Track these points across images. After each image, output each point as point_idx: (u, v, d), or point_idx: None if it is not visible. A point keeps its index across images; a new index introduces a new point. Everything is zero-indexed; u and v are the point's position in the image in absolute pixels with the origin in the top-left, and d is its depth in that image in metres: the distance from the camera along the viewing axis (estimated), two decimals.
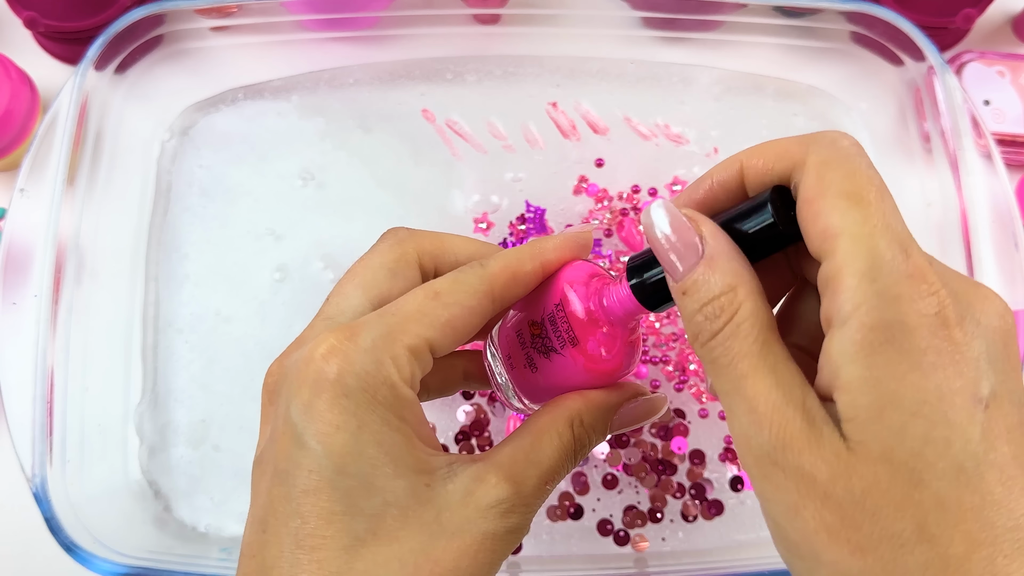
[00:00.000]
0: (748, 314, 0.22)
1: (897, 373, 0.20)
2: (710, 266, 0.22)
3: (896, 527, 0.20)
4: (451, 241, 0.29)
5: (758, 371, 0.21)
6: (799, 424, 0.21)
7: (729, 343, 0.22)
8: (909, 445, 0.20)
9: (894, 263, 0.20)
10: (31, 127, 0.52)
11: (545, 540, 0.49)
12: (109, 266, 0.50)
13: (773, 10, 0.51)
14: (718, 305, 0.22)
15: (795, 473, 0.21)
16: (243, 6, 0.49)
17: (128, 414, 0.50)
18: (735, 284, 0.22)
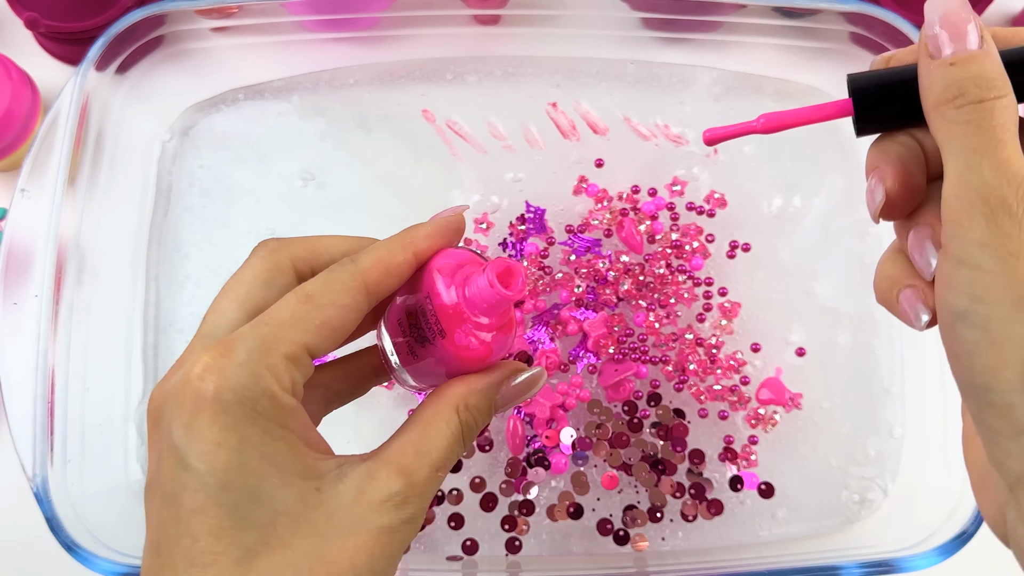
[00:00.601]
0: (1013, 104, 0.23)
1: None
2: (987, 54, 0.23)
3: None
4: (323, 242, 0.29)
5: (1016, 141, 0.22)
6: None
7: (997, 112, 0.22)
8: None
9: None
10: (32, 127, 0.52)
11: (545, 539, 0.49)
12: (110, 266, 0.50)
13: (772, 11, 0.51)
14: (992, 82, 0.23)
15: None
16: (244, 7, 0.49)
17: (129, 414, 0.50)
18: (1006, 79, 0.23)
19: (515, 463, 0.48)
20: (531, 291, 0.50)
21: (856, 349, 0.52)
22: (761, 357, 0.52)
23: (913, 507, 0.49)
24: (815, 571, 0.44)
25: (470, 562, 0.48)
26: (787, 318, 0.52)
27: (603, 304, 0.50)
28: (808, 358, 0.52)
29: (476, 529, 0.49)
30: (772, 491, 0.49)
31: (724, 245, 0.52)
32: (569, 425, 0.49)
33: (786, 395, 0.50)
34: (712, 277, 0.51)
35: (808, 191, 0.53)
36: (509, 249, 0.51)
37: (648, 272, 0.50)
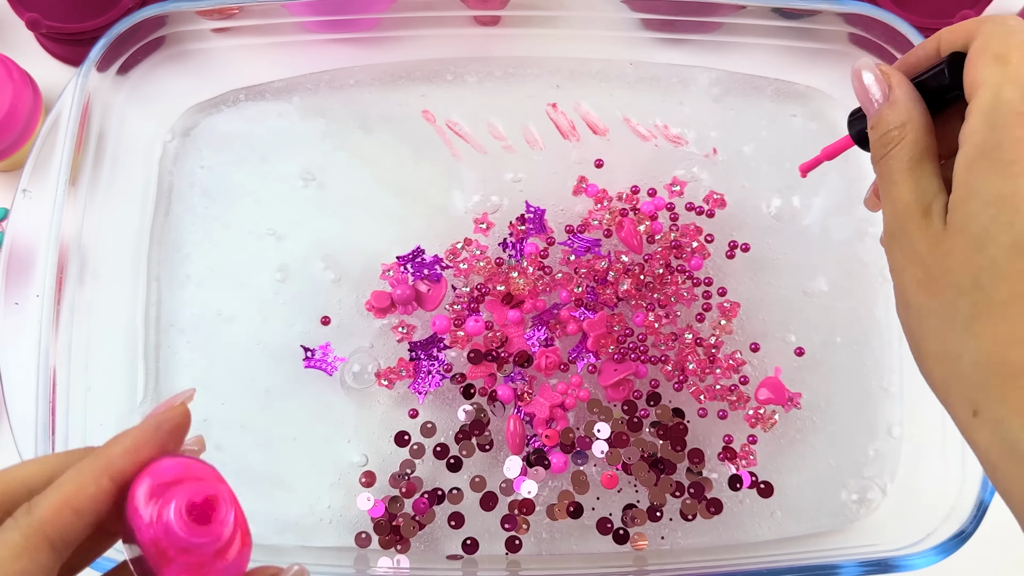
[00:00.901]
0: (909, 143, 0.30)
1: (984, 176, 0.27)
2: (892, 107, 0.31)
3: (957, 279, 0.28)
4: (9, 476, 0.24)
5: (905, 181, 0.30)
6: (917, 216, 0.29)
7: (891, 160, 0.30)
8: (980, 223, 0.27)
9: (1010, 104, 0.27)
10: (34, 128, 0.53)
11: (545, 538, 0.50)
12: (111, 266, 0.50)
13: (771, 12, 0.51)
14: (891, 135, 0.30)
15: (906, 247, 0.30)
16: (244, 8, 0.49)
17: (130, 413, 0.51)
18: (906, 121, 0.30)
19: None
20: (531, 291, 0.50)
21: (855, 349, 0.52)
22: (760, 357, 0.52)
23: (912, 506, 0.49)
24: (814, 570, 0.44)
25: (470, 561, 0.48)
26: (786, 318, 0.52)
27: (603, 304, 0.50)
28: (807, 358, 0.52)
29: (476, 528, 0.49)
30: (771, 490, 0.50)
31: (723, 245, 0.52)
32: (569, 424, 0.49)
33: (785, 395, 0.50)
34: (711, 277, 0.52)
35: (807, 191, 0.54)
36: (509, 249, 0.51)
37: (648, 272, 0.50)
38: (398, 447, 0.50)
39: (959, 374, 0.28)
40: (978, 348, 0.28)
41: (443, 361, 0.50)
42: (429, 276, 0.51)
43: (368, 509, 0.48)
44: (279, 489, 0.50)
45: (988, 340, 0.27)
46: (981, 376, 0.27)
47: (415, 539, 0.49)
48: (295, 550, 0.49)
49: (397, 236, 0.53)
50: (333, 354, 0.51)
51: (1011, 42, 0.28)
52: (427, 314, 0.51)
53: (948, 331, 0.28)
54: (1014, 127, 0.27)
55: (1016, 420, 0.27)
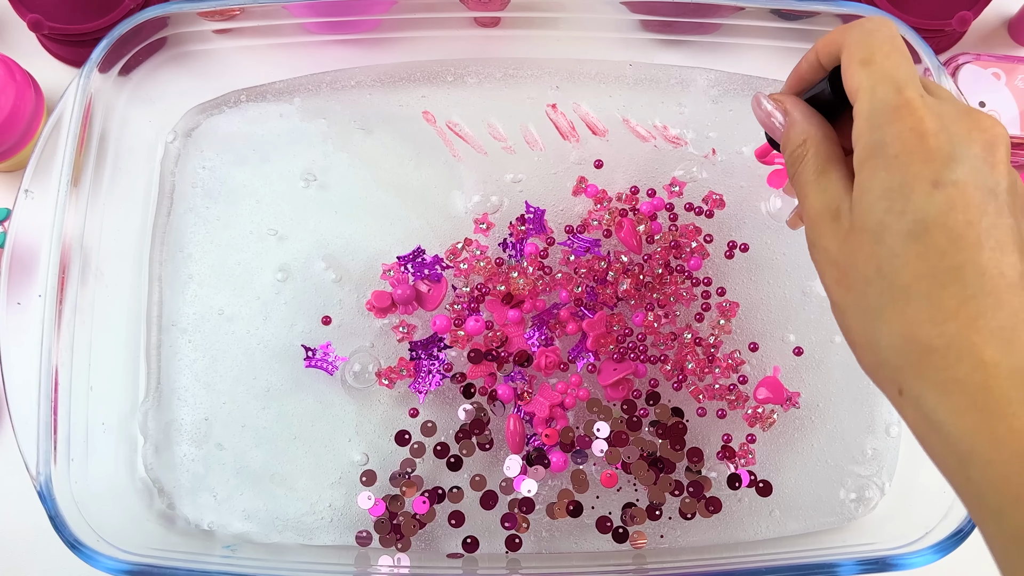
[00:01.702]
0: (812, 157, 0.33)
1: (873, 172, 0.30)
2: (791, 127, 0.34)
3: (864, 271, 0.30)
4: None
5: (814, 191, 0.32)
6: (828, 220, 0.32)
7: (800, 175, 0.33)
8: (875, 217, 0.29)
9: (885, 101, 0.29)
10: (36, 129, 0.53)
11: (544, 537, 0.50)
12: (113, 266, 0.51)
13: (770, 13, 0.51)
14: (796, 153, 0.34)
15: (822, 250, 0.32)
16: (246, 9, 0.49)
17: (132, 413, 0.51)
18: (805, 139, 0.33)
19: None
20: (531, 291, 0.50)
21: None
22: (759, 356, 0.52)
23: (910, 505, 0.50)
24: (813, 569, 0.45)
25: (470, 559, 0.49)
26: (785, 317, 0.53)
27: (602, 304, 0.50)
28: (806, 357, 0.52)
29: (476, 527, 0.49)
30: (770, 489, 0.50)
31: (722, 245, 0.52)
32: (569, 424, 0.49)
33: (784, 394, 0.50)
34: (710, 277, 0.52)
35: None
36: (509, 249, 0.51)
37: (647, 272, 0.50)
38: (398, 446, 0.50)
39: (881, 359, 0.30)
40: (891, 332, 0.29)
41: (443, 361, 0.50)
42: (429, 276, 0.51)
43: (369, 508, 0.48)
44: (280, 488, 0.50)
45: (898, 323, 0.29)
46: (898, 358, 0.29)
47: (415, 538, 0.49)
48: (296, 548, 0.50)
49: (398, 236, 0.53)
50: (334, 354, 0.51)
51: (872, 43, 0.31)
52: (427, 314, 0.51)
53: (865, 321, 0.31)
54: (893, 122, 0.29)
55: (931, 394, 0.28)
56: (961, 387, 0.28)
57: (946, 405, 0.28)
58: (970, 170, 0.29)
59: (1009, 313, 0.28)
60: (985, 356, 0.27)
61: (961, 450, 0.28)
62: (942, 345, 0.28)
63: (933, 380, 0.28)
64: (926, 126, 0.29)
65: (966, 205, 0.28)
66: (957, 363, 0.28)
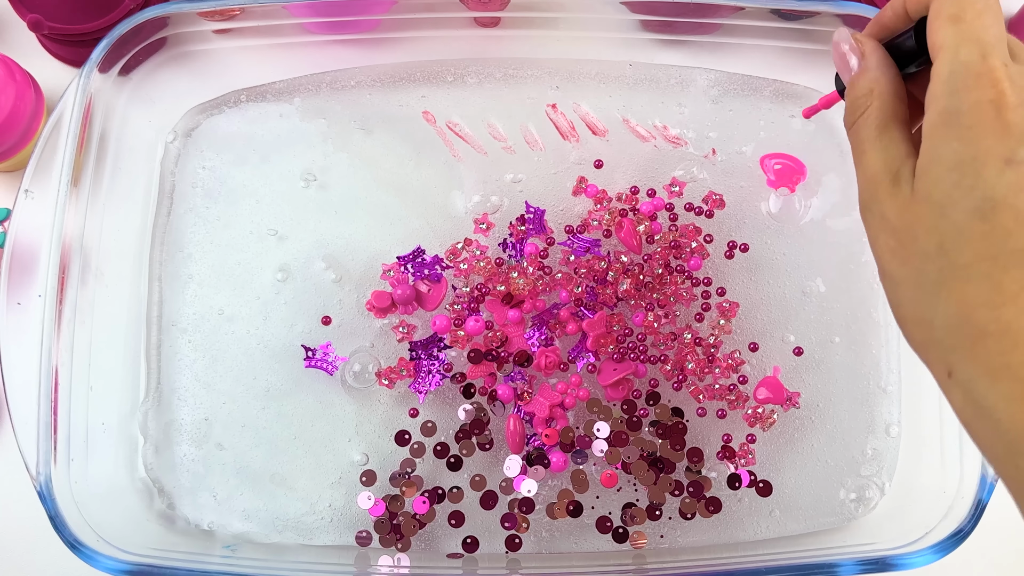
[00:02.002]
0: (876, 109, 0.31)
1: (945, 142, 0.28)
2: (862, 74, 0.32)
3: (925, 245, 0.29)
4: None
5: (873, 148, 0.31)
6: (887, 184, 0.31)
7: (859, 127, 0.32)
8: (942, 189, 0.28)
9: (968, 65, 0.28)
10: (36, 129, 0.53)
11: (544, 537, 0.50)
12: (113, 266, 0.51)
13: (770, 13, 0.51)
14: (860, 102, 0.32)
15: (878, 215, 0.31)
16: (246, 9, 0.49)
17: (132, 413, 0.51)
18: (873, 87, 0.32)
19: None
20: (531, 291, 0.50)
21: (853, 348, 0.53)
22: (759, 356, 0.52)
23: (910, 505, 0.50)
24: (812, 569, 0.45)
25: (470, 559, 0.49)
26: (785, 318, 0.53)
27: (602, 304, 0.50)
28: (806, 357, 0.52)
29: (476, 527, 0.49)
30: (770, 489, 0.50)
31: (722, 245, 0.52)
32: (569, 424, 0.49)
33: (784, 394, 0.50)
34: (710, 277, 0.52)
35: (805, 192, 0.54)
36: (509, 249, 0.51)
37: (647, 272, 0.50)
38: (398, 446, 0.50)
39: (933, 338, 0.29)
40: (947, 312, 0.29)
41: (443, 361, 0.50)
42: (429, 276, 0.51)
43: (369, 508, 0.48)
44: (280, 488, 0.50)
45: (955, 303, 0.28)
46: (951, 339, 0.29)
47: (415, 538, 0.49)
48: (296, 548, 0.50)
49: (398, 236, 0.53)
50: (334, 354, 0.51)
51: (964, 1, 0.29)
52: (427, 314, 0.51)
53: (920, 297, 0.30)
54: (972, 90, 0.28)
55: (983, 380, 0.28)
56: (1015, 374, 0.27)
57: (998, 391, 0.27)
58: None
59: None
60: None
61: (1012, 438, 0.27)
62: (998, 330, 0.27)
63: (986, 365, 0.28)
64: (1006, 99, 0.28)
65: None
66: (1012, 349, 0.27)
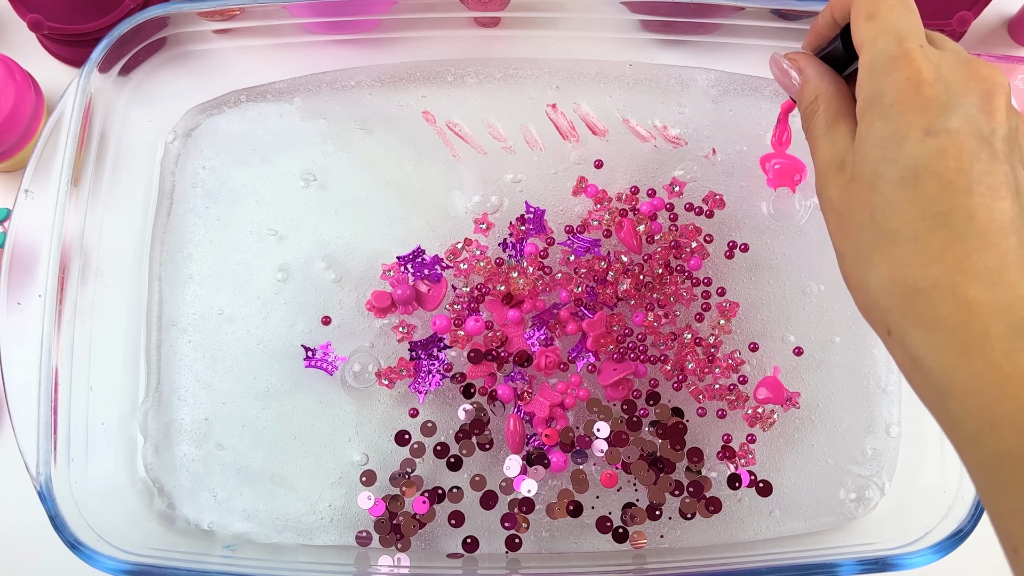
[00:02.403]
0: (823, 111, 0.35)
1: (870, 121, 0.31)
2: (805, 83, 0.37)
3: (858, 218, 0.31)
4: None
5: (822, 142, 0.35)
6: (833, 171, 0.33)
7: (811, 128, 0.36)
8: (871, 165, 0.31)
9: (885, 52, 0.31)
10: (36, 129, 0.53)
11: (544, 537, 0.50)
12: (113, 266, 0.51)
13: (770, 13, 0.51)
14: (809, 108, 0.36)
15: (827, 200, 0.34)
16: (246, 9, 0.49)
17: (132, 413, 0.51)
18: (816, 94, 0.36)
19: None
20: (531, 291, 0.50)
21: (853, 348, 0.53)
22: (759, 356, 0.52)
23: (910, 505, 0.50)
24: (812, 568, 0.45)
25: (470, 559, 0.49)
26: (785, 317, 0.53)
27: (602, 304, 0.50)
28: (806, 357, 0.52)
29: (476, 527, 0.49)
30: (770, 489, 0.50)
31: (722, 245, 0.52)
32: (569, 424, 0.49)
33: (784, 394, 0.50)
34: (710, 277, 0.52)
35: (805, 192, 0.54)
36: (509, 249, 0.51)
37: (647, 272, 0.50)
38: (398, 446, 0.50)
39: (872, 301, 0.31)
40: (880, 275, 0.31)
41: (443, 361, 0.50)
42: (429, 276, 0.51)
43: (369, 508, 0.48)
44: (280, 488, 0.50)
45: (887, 266, 0.30)
46: (887, 299, 0.31)
47: (415, 537, 0.49)
48: (296, 548, 0.50)
49: (397, 236, 0.53)
50: (334, 354, 0.51)
51: (877, 0, 0.32)
52: (427, 314, 0.51)
53: (859, 265, 0.32)
54: (891, 72, 0.30)
55: (916, 332, 0.30)
56: (943, 325, 0.29)
57: (928, 342, 0.29)
58: (964, 118, 0.30)
59: (997, 255, 0.28)
60: (968, 295, 0.28)
61: (941, 383, 0.29)
62: (927, 286, 0.29)
63: (918, 319, 0.29)
64: (923, 76, 0.30)
65: (958, 152, 0.29)
66: (941, 303, 0.29)
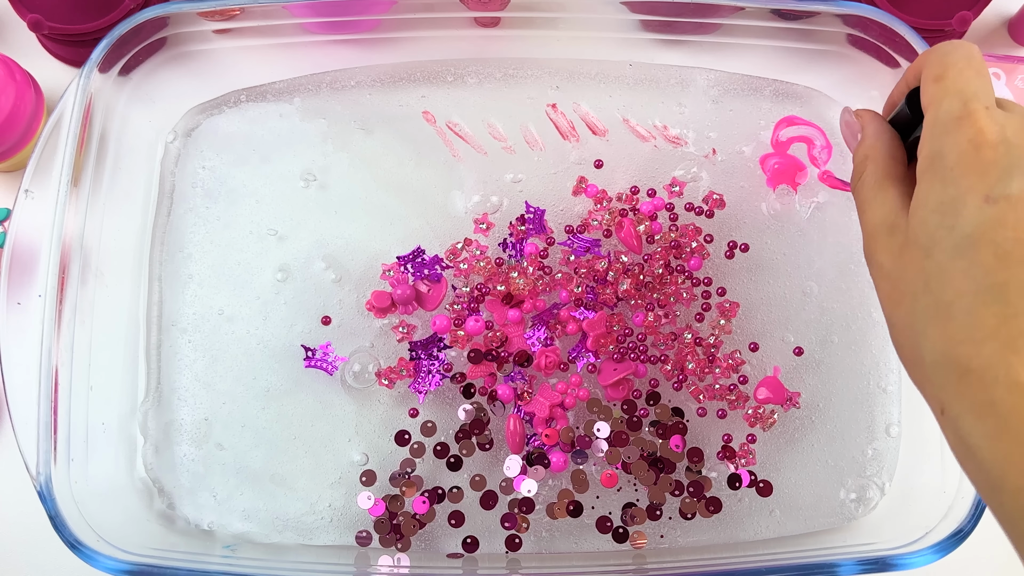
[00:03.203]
0: (871, 171, 0.35)
1: (930, 184, 0.30)
2: (860, 143, 0.36)
3: (912, 286, 0.30)
4: None
5: (871, 204, 0.34)
6: (883, 234, 0.32)
7: (860, 188, 0.35)
8: (927, 231, 0.30)
9: (950, 112, 0.30)
10: (36, 129, 0.53)
11: (544, 537, 0.50)
12: (113, 266, 0.51)
13: (770, 13, 0.51)
14: (860, 166, 0.36)
15: (877, 265, 0.33)
16: (246, 9, 0.50)
17: (132, 413, 0.51)
18: (868, 153, 0.35)
19: None
20: (531, 291, 0.50)
21: (853, 348, 0.53)
22: (759, 356, 0.52)
23: (910, 505, 0.50)
24: (813, 569, 0.45)
25: (470, 559, 0.49)
26: (785, 318, 0.53)
27: (602, 304, 0.50)
28: (806, 357, 0.52)
29: (476, 527, 0.49)
30: (770, 489, 0.50)
31: (722, 245, 0.52)
32: (569, 424, 0.49)
33: (784, 394, 0.50)
34: (711, 277, 0.52)
35: (806, 192, 0.54)
36: (509, 249, 0.51)
37: (647, 272, 0.50)
38: (398, 446, 0.50)
39: (926, 376, 0.30)
40: (933, 350, 0.29)
41: (443, 361, 0.50)
42: (429, 276, 0.51)
43: (369, 508, 0.48)
44: (280, 488, 0.50)
45: (940, 341, 0.29)
46: (940, 377, 0.29)
47: (415, 537, 0.49)
48: (296, 548, 0.50)
49: (397, 236, 0.53)
50: (334, 354, 0.51)
51: (947, 62, 0.31)
52: (427, 314, 0.51)
53: (912, 336, 0.30)
54: (953, 132, 0.29)
55: (968, 417, 0.28)
56: (996, 411, 0.27)
57: (981, 429, 0.27)
58: (1021, 182, 0.28)
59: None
60: (1021, 378, 0.26)
61: (994, 476, 0.27)
62: (979, 366, 0.27)
63: (970, 402, 0.27)
64: (986, 137, 0.29)
65: (1017, 221, 0.27)
66: (994, 385, 0.27)
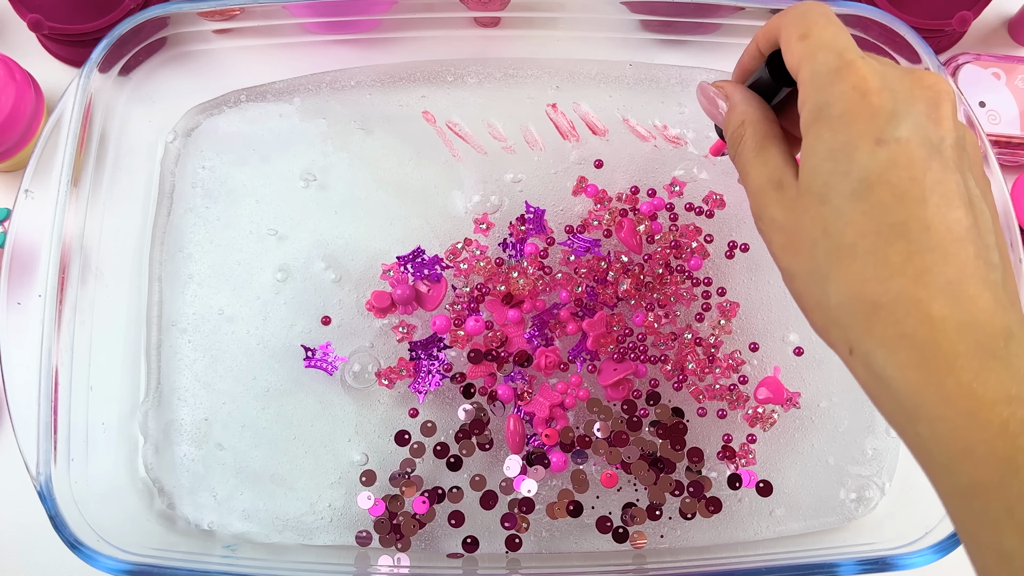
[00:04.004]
0: (750, 135, 0.34)
1: (818, 134, 0.30)
2: (731, 110, 0.36)
3: (810, 233, 0.30)
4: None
5: (754, 166, 0.34)
6: (771, 191, 0.33)
7: (740, 154, 0.35)
8: (821, 179, 0.30)
9: (827, 64, 0.30)
10: (36, 129, 0.53)
11: (544, 537, 0.50)
12: (113, 266, 0.51)
13: (770, 13, 0.51)
14: (735, 133, 0.35)
15: (768, 220, 0.33)
16: (246, 9, 0.50)
17: (132, 413, 0.51)
18: (743, 119, 0.35)
19: None
20: (531, 291, 0.50)
21: None
22: (759, 356, 0.52)
23: (910, 505, 0.50)
24: (813, 568, 0.45)
25: (470, 559, 0.49)
26: (785, 317, 0.52)
27: (602, 304, 0.50)
28: (806, 357, 0.52)
29: (476, 527, 0.49)
30: (770, 489, 0.50)
31: (723, 245, 0.52)
32: (569, 424, 0.49)
33: (784, 394, 0.50)
34: (711, 277, 0.52)
35: None
36: (509, 249, 0.51)
37: (647, 272, 0.50)
38: (398, 446, 0.50)
39: (831, 320, 0.30)
40: (839, 291, 0.29)
41: (443, 361, 0.50)
42: (429, 276, 0.51)
43: (368, 508, 0.48)
44: (280, 488, 0.50)
45: (845, 282, 0.29)
46: (847, 317, 0.29)
47: (415, 538, 0.49)
48: (296, 548, 0.50)
49: (397, 236, 0.53)
50: (334, 354, 0.51)
51: (807, 20, 0.31)
52: (427, 314, 0.51)
53: (814, 283, 0.31)
54: (835, 83, 0.30)
55: (880, 351, 0.28)
56: (909, 343, 0.28)
57: (894, 361, 0.28)
58: (913, 127, 0.29)
59: (956, 267, 0.28)
60: (932, 311, 0.27)
61: (909, 406, 0.28)
62: (889, 301, 0.28)
63: (881, 336, 0.28)
64: (869, 84, 0.29)
65: (910, 161, 0.29)
66: (905, 318, 0.28)
